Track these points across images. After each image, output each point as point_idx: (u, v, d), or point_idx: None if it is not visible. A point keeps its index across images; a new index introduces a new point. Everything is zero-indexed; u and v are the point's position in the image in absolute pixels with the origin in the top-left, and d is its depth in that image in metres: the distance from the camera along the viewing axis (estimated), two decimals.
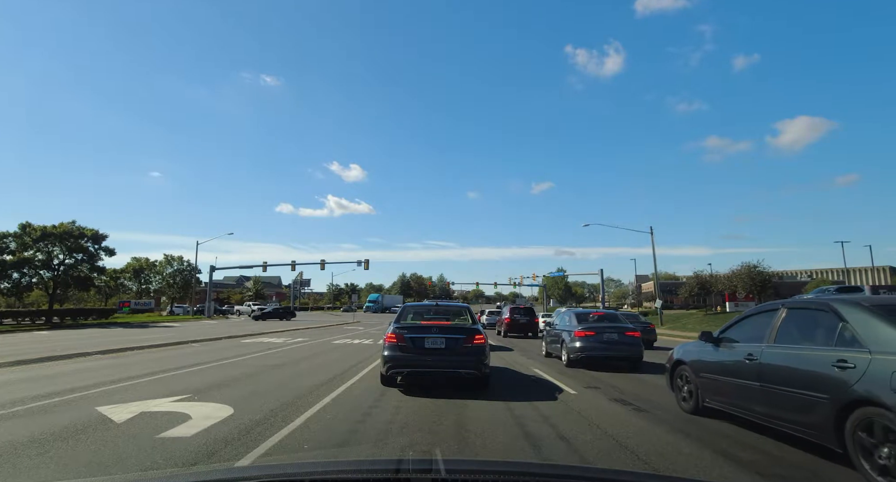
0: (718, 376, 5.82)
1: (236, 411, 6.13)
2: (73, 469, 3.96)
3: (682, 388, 6.74)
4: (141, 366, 11.03)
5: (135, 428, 5.30)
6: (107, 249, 41.81)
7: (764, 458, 4.47)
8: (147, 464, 4.06)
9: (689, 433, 5.36)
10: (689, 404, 6.46)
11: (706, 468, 4.19)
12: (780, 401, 4.71)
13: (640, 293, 73.04)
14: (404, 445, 4.76)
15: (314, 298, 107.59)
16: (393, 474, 1.25)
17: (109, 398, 7.06)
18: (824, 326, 4.58)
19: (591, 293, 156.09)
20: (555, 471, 1.54)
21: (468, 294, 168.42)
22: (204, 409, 6.22)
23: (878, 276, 54.25)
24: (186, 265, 63.10)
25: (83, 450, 4.44)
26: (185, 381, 8.76)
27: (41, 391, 7.66)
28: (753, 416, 5.21)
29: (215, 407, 6.40)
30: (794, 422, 4.54)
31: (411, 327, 8.12)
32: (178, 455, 4.28)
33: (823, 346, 4.46)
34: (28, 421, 5.66)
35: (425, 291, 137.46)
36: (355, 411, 6.30)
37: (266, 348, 16.28)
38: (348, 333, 26.09)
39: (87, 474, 3.84)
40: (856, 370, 3.93)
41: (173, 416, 5.81)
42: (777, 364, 4.85)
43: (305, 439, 4.92)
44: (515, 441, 4.95)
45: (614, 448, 4.75)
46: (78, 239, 39.64)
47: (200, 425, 5.36)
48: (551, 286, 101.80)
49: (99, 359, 12.98)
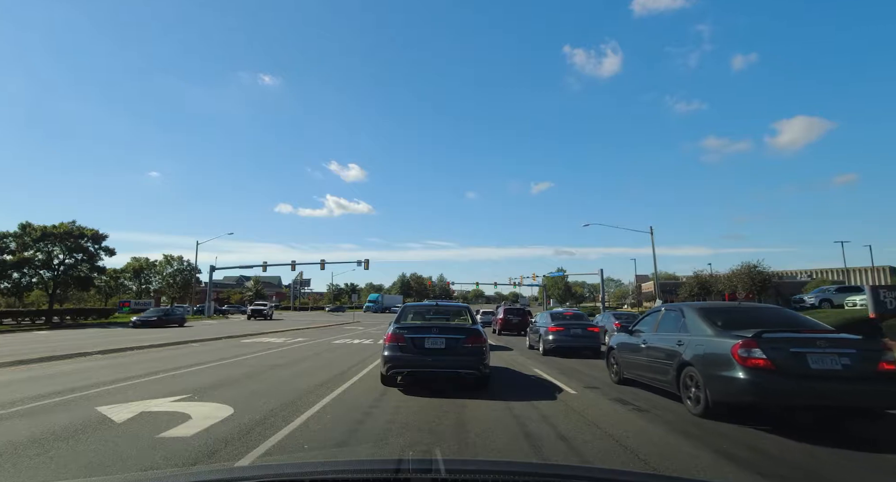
0: (629, 356, 8.35)
1: (236, 411, 6.13)
2: (72, 469, 3.96)
3: (612, 366, 9.20)
4: (141, 366, 11.03)
5: (135, 428, 5.30)
6: (107, 249, 41.88)
7: (764, 458, 4.48)
8: (147, 464, 4.06)
9: (689, 433, 5.36)
10: (617, 377, 8.92)
11: (706, 468, 4.20)
12: (655, 368, 7.31)
13: (640, 293, 73.04)
14: (404, 445, 4.76)
15: (314, 298, 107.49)
16: (393, 474, 1.25)
17: (109, 398, 7.06)
18: (677, 320, 7.16)
19: (591, 293, 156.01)
20: (555, 471, 1.55)
21: (468, 294, 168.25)
22: (204, 409, 6.22)
23: (878, 276, 54.26)
24: (186, 265, 63.04)
25: (83, 450, 4.45)
26: (185, 381, 8.76)
27: (41, 391, 7.66)
28: (646, 380, 7.79)
29: (215, 407, 6.40)
30: (662, 380, 7.08)
31: (411, 327, 8.13)
32: (178, 455, 4.28)
33: (674, 333, 7.03)
34: (28, 420, 5.66)
35: (425, 291, 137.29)
36: (355, 411, 6.30)
37: (266, 348, 16.29)
38: (348, 333, 26.10)
39: (87, 474, 3.84)
40: (683, 346, 6.55)
41: (173, 416, 5.81)
42: (654, 345, 7.47)
43: (306, 439, 4.93)
44: (515, 441, 4.95)
45: (614, 448, 4.75)
46: (78, 239, 39.70)
47: (200, 425, 5.36)
48: (551, 286, 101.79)
49: (99, 359, 12.99)
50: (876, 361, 5.37)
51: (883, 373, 5.32)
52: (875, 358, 5.39)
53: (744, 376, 5.39)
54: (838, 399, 5.25)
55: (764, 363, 5.36)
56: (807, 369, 5.28)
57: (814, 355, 5.34)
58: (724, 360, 5.67)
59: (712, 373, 5.83)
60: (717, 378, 5.74)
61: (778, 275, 38.02)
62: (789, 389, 5.22)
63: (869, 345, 5.55)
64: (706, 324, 6.45)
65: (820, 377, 5.24)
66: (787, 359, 5.36)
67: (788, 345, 5.45)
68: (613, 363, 9.05)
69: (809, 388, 5.18)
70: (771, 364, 5.34)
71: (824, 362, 5.31)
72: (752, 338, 5.51)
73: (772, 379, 5.28)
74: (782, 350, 5.41)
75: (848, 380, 5.25)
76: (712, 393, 5.79)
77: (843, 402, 5.34)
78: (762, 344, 5.44)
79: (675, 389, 6.64)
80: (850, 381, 5.25)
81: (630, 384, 8.52)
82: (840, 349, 5.40)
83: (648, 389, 7.99)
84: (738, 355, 5.51)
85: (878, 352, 5.46)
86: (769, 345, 5.43)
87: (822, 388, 5.19)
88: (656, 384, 7.38)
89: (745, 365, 5.42)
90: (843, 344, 5.52)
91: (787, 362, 5.34)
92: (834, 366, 5.30)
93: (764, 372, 5.34)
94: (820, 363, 5.30)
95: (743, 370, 5.42)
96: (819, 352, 5.36)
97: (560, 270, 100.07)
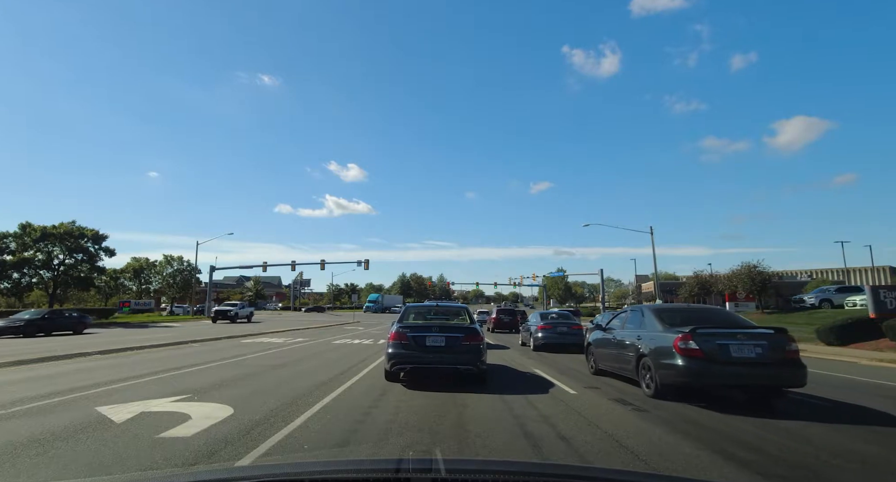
0: (602, 349, 9.57)
1: (236, 411, 6.13)
2: (73, 469, 3.95)
3: (589, 359, 10.51)
4: (140, 367, 11.03)
5: (135, 428, 5.30)
6: (107, 249, 41.85)
7: (764, 458, 4.49)
8: (147, 464, 4.06)
9: (688, 433, 5.36)
10: (593, 369, 10.16)
11: (706, 468, 4.20)
12: (621, 359, 8.48)
13: (640, 293, 72.92)
14: (404, 445, 4.76)
15: (314, 298, 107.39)
16: (393, 474, 1.25)
17: (109, 398, 7.06)
18: (638, 319, 8.37)
19: (591, 293, 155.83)
20: (555, 470, 1.55)
21: (468, 294, 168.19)
22: (204, 409, 6.22)
23: (878, 276, 54.19)
24: (186, 265, 62.98)
25: (83, 451, 4.45)
26: (185, 381, 8.76)
27: (41, 391, 7.66)
28: (614, 370, 8.99)
29: (215, 407, 6.40)
30: (626, 369, 8.35)
31: (413, 326, 8.61)
32: (178, 455, 4.28)
33: (635, 329, 8.23)
34: (28, 421, 5.66)
35: (425, 291, 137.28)
36: (355, 411, 6.30)
37: (266, 348, 16.29)
38: (349, 333, 26.10)
39: (88, 474, 3.84)
40: (641, 340, 7.81)
41: (173, 416, 5.81)
42: (621, 339, 8.66)
43: (306, 439, 4.93)
44: (516, 440, 4.96)
45: (614, 448, 4.76)
46: (78, 239, 39.68)
47: (200, 425, 5.36)
48: (551, 286, 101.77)
49: (98, 359, 12.98)
50: (782, 350, 6.62)
51: (787, 360, 6.60)
52: (782, 347, 6.63)
53: (682, 363, 6.66)
54: (753, 380, 6.58)
55: (696, 352, 6.60)
56: (729, 357, 6.53)
57: (734, 345, 6.60)
58: (669, 351, 6.91)
59: (660, 361, 7.08)
60: (663, 365, 7.01)
61: (778, 275, 37.91)
62: (716, 373, 6.50)
63: (777, 338, 6.74)
64: (658, 321, 7.72)
65: (739, 363, 6.52)
66: (714, 349, 6.58)
67: (715, 338, 6.66)
68: (591, 356, 10.40)
69: (731, 372, 6.49)
70: (702, 353, 6.58)
71: (742, 351, 6.57)
72: (689, 333, 6.72)
73: (702, 365, 6.54)
74: (711, 342, 6.62)
75: (760, 365, 6.52)
76: (661, 377, 7.06)
77: (757, 382, 6.63)
78: (696, 337, 6.67)
79: (635, 376, 7.90)
80: (762, 366, 6.52)
81: (603, 374, 9.84)
82: (755, 341, 6.66)
83: (617, 378, 9.26)
84: (678, 346, 6.74)
85: (784, 342, 6.69)
86: (701, 338, 6.66)
87: (740, 372, 6.51)
88: (622, 372, 8.69)
89: (683, 354, 6.67)
90: (758, 337, 6.76)
91: (714, 351, 6.57)
92: (750, 354, 6.56)
93: (696, 359, 6.59)
94: (739, 352, 6.57)
95: (681, 358, 6.67)
96: (738, 343, 6.62)
97: (560, 270, 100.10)
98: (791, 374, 6.53)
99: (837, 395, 8.08)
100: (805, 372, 6.60)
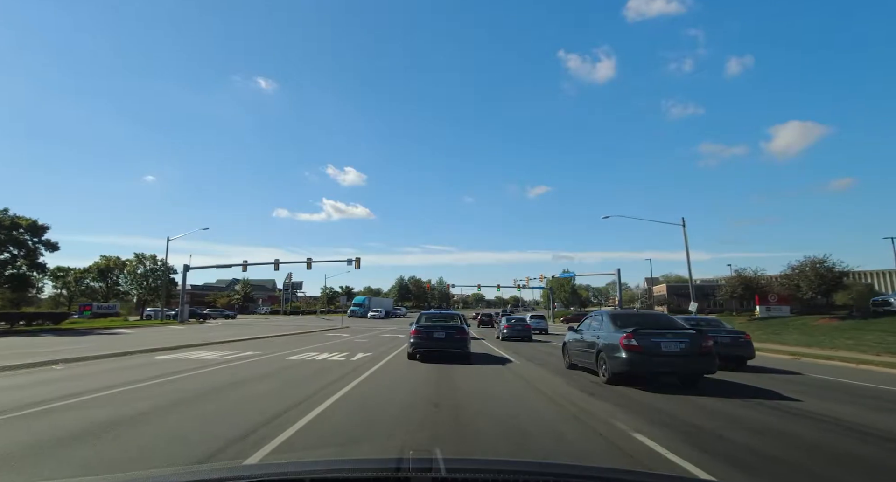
0: (574, 347, 12.33)
1: None
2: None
3: (565, 356, 13.29)
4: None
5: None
6: (48, 243, 35.23)
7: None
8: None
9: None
10: (567, 364, 12.78)
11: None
12: (587, 355, 11.03)
13: (651, 296, 66.87)
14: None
15: (307, 302, 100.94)
16: (393, 473, 1.27)
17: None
18: (599, 322, 10.95)
19: (596, 297, 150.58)
20: (554, 470, 1.59)
21: (468, 297, 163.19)
22: None
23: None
24: (160, 265, 56.38)
25: None
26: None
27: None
28: (583, 364, 11.47)
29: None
30: (589, 362, 10.79)
31: (426, 326, 14.41)
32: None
33: (596, 330, 10.82)
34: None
35: (424, 295, 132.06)
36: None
37: (181, 370, 10.29)
38: (322, 344, 20.23)
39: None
40: (599, 339, 10.33)
41: None
42: (586, 339, 11.28)
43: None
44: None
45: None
46: (10, 230, 32.83)
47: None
48: (557, 288, 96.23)
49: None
50: (700, 345, 9.15)
51: (704, 353, 9.11)
52: (699, 343, 9.14)
53: (625, 356, 9.12)
54: (678, 368, 9.22)
55: (636, 347, 9.03)
56: (660, 350, 9.02)
57: (664, 341, 9.10)
58: (616, 347, 9.36)
59: (611, 354, 9.57)
60: (613, 358, 9.47)
61: (845, 275, 31.50)
62: (650, 363, 9.00)
63: (696, 336, 9.25)
64: (612, 324, 10.11)
65: (668, 355, 9.02)
66: (649, 345, 9.04)
67: (650, 336, 9.16)
68: (566, 354, 13.10)
69: (662, 362, 9.03)
70: (640, 348, 9.01)
71: (670, 346, 9.06)
72: (631, 332, 9.19)
73: (640, 357, 8.99)
74: (647, 339, 9.10)
75: (684, 356, 9.04)
76: (611, 367, 9.53)
77: (681, 370, 9.27)
78: (636, 335, 9.13)
79: (595, 368, 10.46)
80: (685, 357, 9.05)
81: (575, 368, 12.31)
82: (680, 338, 9.17)
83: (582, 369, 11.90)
84: (622, 343, 9.18)
85: (701, 339, 9.21)
86: (640, 336, 9.13)
87: (668, 362, 9.06)
88: (588, 365, 11.11)
89: (626, 348, 9.11)
90: (683, 335, 9.28)
91: (649, 346, 9.03)
92: (675, 348, 9.05)
93: (636, 353, 9.02)
94: (668, 346, 9.05)
95: (625, 352, 9.12)
96: (668, 340, 9.13)
97: (567, 271, 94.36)
98: (706, 364, 9.16)
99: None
100: (715, 361, 9.34)
